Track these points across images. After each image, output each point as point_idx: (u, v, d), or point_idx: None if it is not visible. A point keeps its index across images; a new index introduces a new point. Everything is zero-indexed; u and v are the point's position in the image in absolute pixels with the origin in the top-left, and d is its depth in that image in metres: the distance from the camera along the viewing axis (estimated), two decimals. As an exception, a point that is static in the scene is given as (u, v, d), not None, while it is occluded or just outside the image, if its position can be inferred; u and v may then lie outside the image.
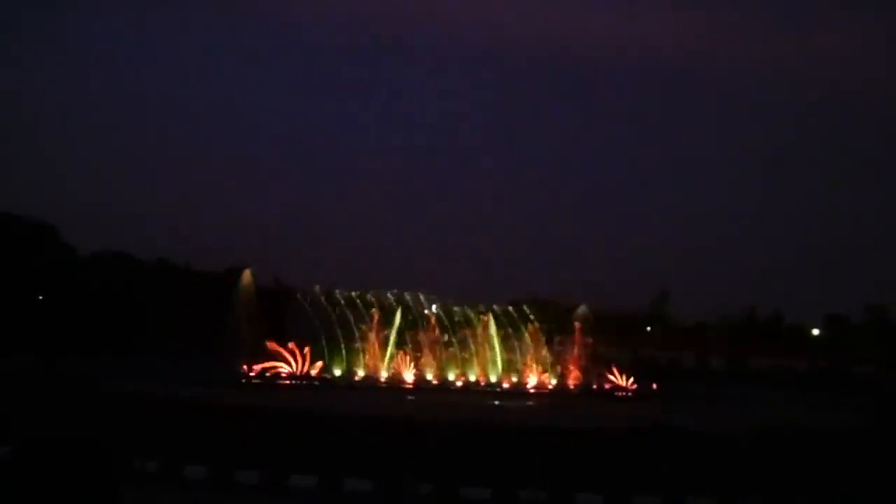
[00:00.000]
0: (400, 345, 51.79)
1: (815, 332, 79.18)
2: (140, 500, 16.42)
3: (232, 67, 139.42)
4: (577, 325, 52.91)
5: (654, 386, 51.51)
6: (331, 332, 51.51)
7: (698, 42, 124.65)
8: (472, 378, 51.65)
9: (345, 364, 51.20)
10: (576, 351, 52.15)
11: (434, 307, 55.78)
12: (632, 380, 50.95)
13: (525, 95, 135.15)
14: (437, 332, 52.39)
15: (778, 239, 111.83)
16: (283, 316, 51.31)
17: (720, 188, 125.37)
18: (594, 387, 51.34)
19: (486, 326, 52.86)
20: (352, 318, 52.38)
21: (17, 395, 27.71)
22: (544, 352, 51.98)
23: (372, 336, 51.89)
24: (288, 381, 49.13)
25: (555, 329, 52.73)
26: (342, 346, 51.55)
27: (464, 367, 51.96)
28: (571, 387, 51.33)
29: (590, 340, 52.23)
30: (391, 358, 51.44)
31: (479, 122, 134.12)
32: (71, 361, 45.96)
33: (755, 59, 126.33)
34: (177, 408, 27.27)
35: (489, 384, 51.19)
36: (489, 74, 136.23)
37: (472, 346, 52.69)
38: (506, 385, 51.01)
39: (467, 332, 53.46)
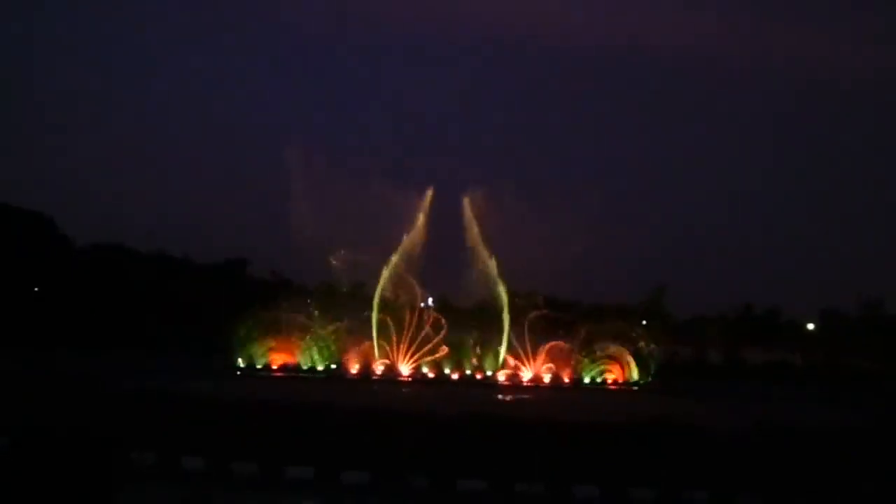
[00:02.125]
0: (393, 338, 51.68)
1: (812, 326, 79.20)
2: (138, 491, 16.41)
3: (232, 63, 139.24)
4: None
5: (651, 380, 51.63)
6: (327, 325, 51.47)
7: (698, 37, 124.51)
8: (469, 371, 51.66)
9: (340, 357, 51.19)
10: (572, 345, 52.10)
11: (430, 300, 55.67)
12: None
13: (522, 91, 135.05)
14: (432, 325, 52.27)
15: (775, 234, 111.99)
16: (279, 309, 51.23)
17: (717, 183, 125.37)
18: (587, 381, 51.44)
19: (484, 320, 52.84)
20: (349, 311, 52.31)
21: (14, 388, 27.61)
22: (541, 345, 51.92)
23: (369, 329, 51.81)
24: (283, 373, 49.23)
25: (552, 322, 52.63)
26: (339, 339, 51.53)
27: (460, 360, 51.92)
28: (568, 380, 51.35)
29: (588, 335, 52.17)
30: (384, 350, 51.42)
31: (476, 119, 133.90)
32: (67, 354, 45.86)
33: (755, 54, 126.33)
34: (174, 400, 27.20)
35: (486, 377, 51.22)
36: (488, 69, 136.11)
37: (469, 339, 52.65)
38: (502, 378, 51.03)
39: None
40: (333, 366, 50.78)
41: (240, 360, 49.81)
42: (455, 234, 53.71)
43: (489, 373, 51.61)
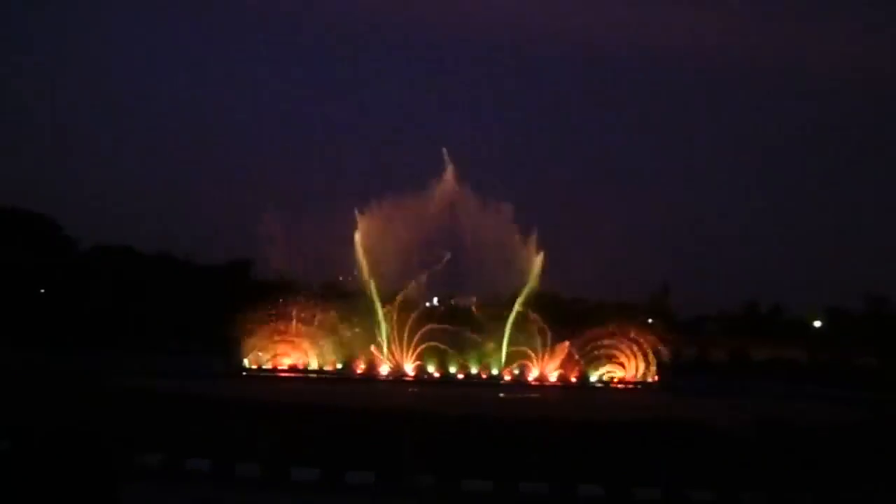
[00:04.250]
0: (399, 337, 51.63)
1: (817, 324, 79.00)
2: (142, 492, 16.40)
3: (234, 63, 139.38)
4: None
5: (656, 378, 51.55)
6: (333, 325, 51.43)
7: (696, 36, 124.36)
8: (474, 371, 51.57)
9: (346, 357, 51.17)
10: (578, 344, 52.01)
11: (435, 299, 55.67)
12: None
13: (522, 90, 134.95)
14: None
15: (779, 231, 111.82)
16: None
17: (720, 181, 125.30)
18: (593, 379, 51.36)
19: (488, 319, 52.74)
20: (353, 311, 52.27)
21: (17, 389, 27.63)
22: (545, 344, 51.85)
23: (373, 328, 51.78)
24: (289, 374, 49.23)
25: (557, 322, 52.56)
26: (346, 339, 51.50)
27: (465, 359, 51.82)
28: (574, 379, 51.25)
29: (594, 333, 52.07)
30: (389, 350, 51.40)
31: (477, 118, 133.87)
32: (71, 355, 45.92)
33: (752, 53, 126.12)
34: (178, 401, 27.22)
35: (491, 377, 51.14)
36: (487, 69, 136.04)
37: (475, 339, 52.55)
38: (508, 378, 50.95)
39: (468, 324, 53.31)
40: (339, 366, 50.74)
41: (246, 360, 49.81)
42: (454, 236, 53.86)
43: (494, 372, 51.53)
